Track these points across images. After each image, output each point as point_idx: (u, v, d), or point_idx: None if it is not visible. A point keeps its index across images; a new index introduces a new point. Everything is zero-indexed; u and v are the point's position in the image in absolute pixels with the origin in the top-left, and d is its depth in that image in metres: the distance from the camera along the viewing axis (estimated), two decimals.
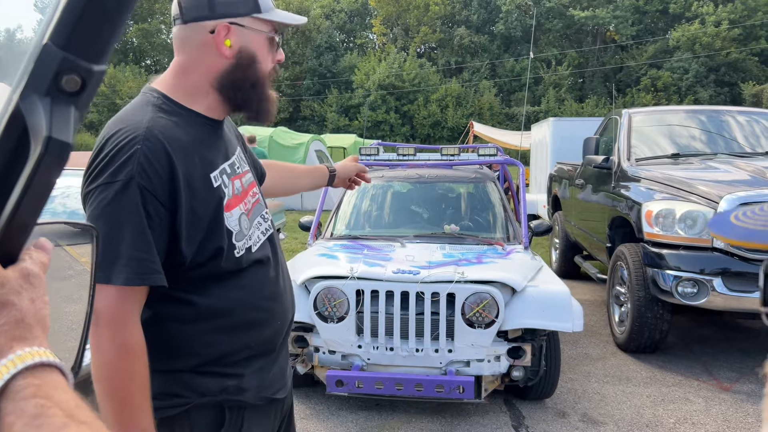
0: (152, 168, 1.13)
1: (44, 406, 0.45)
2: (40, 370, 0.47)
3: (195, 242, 1.20)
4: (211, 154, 1.27)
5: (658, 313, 4.36)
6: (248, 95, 1.28)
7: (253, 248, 1.32)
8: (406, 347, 3.31)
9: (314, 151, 14.66)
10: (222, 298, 1.26)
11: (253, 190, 1.40)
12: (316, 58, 41.86)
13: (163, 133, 1.17)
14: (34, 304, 0.50)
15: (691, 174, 4.68)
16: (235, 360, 1.29)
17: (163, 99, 1.25)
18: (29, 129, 0.52)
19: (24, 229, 0.53)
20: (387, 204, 4.76)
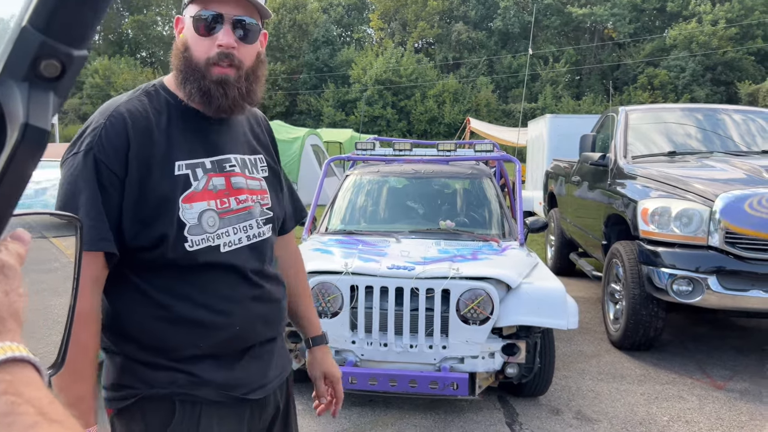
0: (110, 142, 1.22)
1: (14, 403, 0.42)
2: (12, 366, 0.45)
3: (137, 220, 1.23)
4: (187, 143, 1.30)
5: (653, 310, 4.36)
6: (185, 82, 1.28)
7: (223, 248, 1.30)
8: (400, 343, 3.29)
9: (310, 145, 14.65)
10: (172, 291, 1.27)
11: (252, 196, 1.38)
12: (312, 52, 41.73)
13: (130, 111, 1.25)
14: (7, 297, 0.48)
15: (687, 172, 4.68)
16: (183, 356, 1.28)
17: (159, 87, 1.34)
18: (5, 116, 0.49)
19: (0, 218, 0.50)
20: (382, 199, 4.74)
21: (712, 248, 4.07)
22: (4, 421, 0.42)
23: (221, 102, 1.27)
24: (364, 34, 47.20)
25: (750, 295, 3.95)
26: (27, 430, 0.41)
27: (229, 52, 1.26)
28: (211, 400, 1.30)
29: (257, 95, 1.34)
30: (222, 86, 1.26)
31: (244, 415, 1.37)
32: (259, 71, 1.34)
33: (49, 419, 0.42)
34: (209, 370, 1.30)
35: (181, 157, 1.28)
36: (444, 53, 42.56)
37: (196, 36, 1.27)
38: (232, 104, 1.29)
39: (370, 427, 3.37)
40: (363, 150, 5.02)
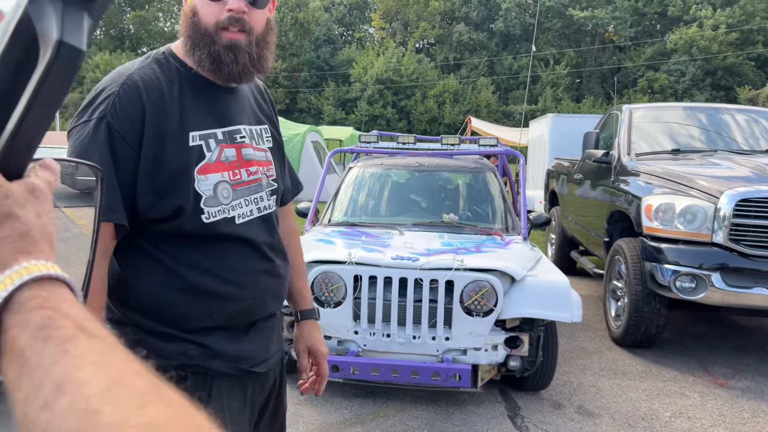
0: (124, 110, 1.18)
1: (52, 317, 0.41)
2: (47, 283, 0.43)
3: (152, 191, 1.21)
4: (199, 114, 1.27)
5: (655, 307, 4.35)
6: (194, 48, 1.26)
7: (237, 219, 1.30)
8: (403, 334, 3.28)
9: (311, 141, 14.62)
10: (187, 261, 1.26)
11: (260, 168, 1.38)
12: (314, 50, 41.67)
13: (143, 80, 1.22)
14: (40, 219, 0.47)
15: (691, 169, 4.67)
16: (196, 327, 1.27)
17: (168, 54, 1.30)
18: (39, 35, 0.48)
19: (30, 142, 0.49)
20: (386, 192, 4.72)
21: (716, 245, 4.06)
22: (41, 335, 0.40)
23: (231, 68, 1.24)
24: (365, 33, 47.18)
25: (753, 293, 3.94)
26: (65, 343, 0.39)
27: (239, 17, 1.23)
28: (222, 372, 1.29)
29: (268, 62, 1.30)
30: (232, 51, 1.23)
31: (247, 389, 1.37)
32: (269, 37, 1.31)
33: (89, 334, 0.41)
34: (221, 342, 1.30)
35: (195, 128, 1.26)
36: (445, 54, 42.54)
37: (205, 0, 1.24)
38: (243, 70, 1.26)
39: (371, 418, 3.35)
40: (366, 143, 5.00)
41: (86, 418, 0.34)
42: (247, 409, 1.37)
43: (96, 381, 0.37)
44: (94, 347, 0.40)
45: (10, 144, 0.47)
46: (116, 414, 0.34)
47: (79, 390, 0.36)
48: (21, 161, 0.49)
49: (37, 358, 0.39)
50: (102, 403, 0.35)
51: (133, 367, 0.39)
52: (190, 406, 0.38)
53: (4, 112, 0.48)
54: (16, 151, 0.48)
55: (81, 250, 0.77)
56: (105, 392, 0.36)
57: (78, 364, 0.38)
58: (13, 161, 0.48)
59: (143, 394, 0.37)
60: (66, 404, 0.36)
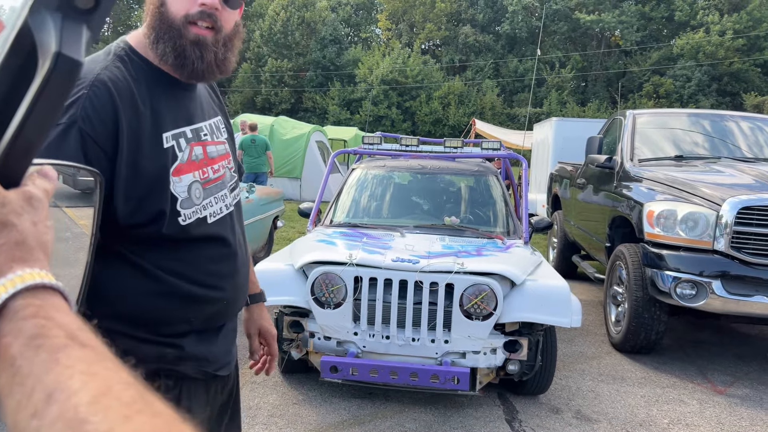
0: (96, 114, 1.11)
1: (44, 326, 0.42)
2: (41, 292, 0.44)
3: (133, 199, 1.16)
4: (168, 114, 1.22)
5: (655, 314, 4.35)
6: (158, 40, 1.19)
7: (209, 219, 1.28)
8: (403, 336, 3.28)
9: (315, 141, 14.63)
10: (162, 265, 1.22)
11: (222, 162, 1.35)
12: (320, 50, 41.72)
13: (113, 80, 1.14)
14: (35, 227, 0.48)
15: (694, 176, 4.66)
16: (173, 331, 1.26)
17: (127, 49, 1.23)
18: (38, 46, 0.49)
19: (28, 151, 0.50)
20: (388, 194, 4.73)
21: (718, 252, 4.05)
22: (33, 344, 0.41)
23: (196, 65, 1.18)
24: (371, 33, 47.18)
25: (754, 301, 3.93)
26: (57, 352, 0.40)
27: (211, 12, 1.17)
28: (190, 375, 1.29)
29: (231, 64, 1.25)
30: (199, 48, 1.18)
31: (209, 392, 1.38)
32: (236, 40, 1.26)
33: (80, 343, 0.41)
34: (193, 345, 1.29)
35: (166, 128, 1.21)
36: (450, 55, 42.54)
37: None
38: (207, 69, 1.20)
39: (369, 419, 3.36)
40: (370, 144, 5.01)
41: (74, 427, 0.35)
42: (207, 413, 1.37)
43: (85, 391, 0.37)
44: (85, 356, 0.40)
45: (7, 153, 0.48)
46: (104, 424, 0.35)
47: (69, 399, 0.37)
48: (18, 169, 0.50)
49: (28, 367, 0.39)
50: (90, 413, 0.36)
51: (121, 377, 0.40)
52: (177, 417, 0.39)
53: (2, 121, 0.49)
54: (13, 159, 0.49)
55: (81, 250, 0.78)
56: (93, 402, 0.37)
57: (68, 373, 0.39)
58: (10, 170, 0.49)
59: (131, 405, 0.37)
60: (55, 413, 0.37)
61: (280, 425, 3.22)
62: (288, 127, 14.83)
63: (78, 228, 0.83)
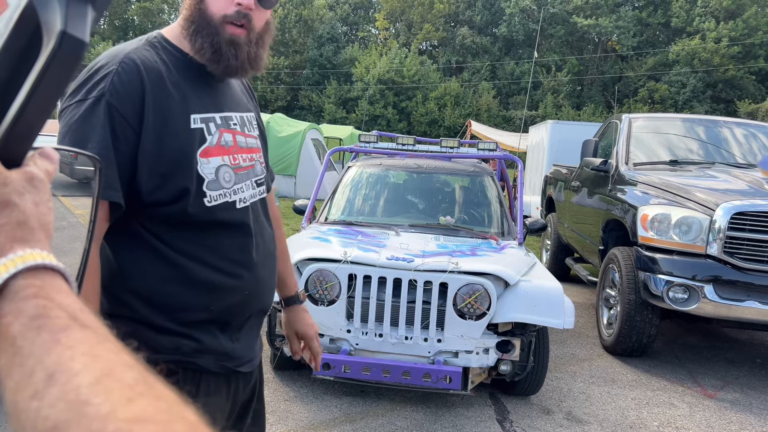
0: (124, 89, 1.15)
1: (45, 307, 0.41)
2: (42, 273, 0.44)
3: (156, 175, 1.18)
4: (197, 98, 1.26)
5: (647, 317, 4.36)
6: (196, 36, 1.24)
7: (238, 204, 1.30)
8: (396, 334, 3.28)
9: (310, 139, 14.61)
10: (187, 250, 1.24)
11: (252, 155, 1.39)
12: (317, 48, 41.63)
13: (141, 60, 1.20)
14: (37, 208, 0.47)
15: (688, 181, 4.69)
16: (192, 320, 1.26)
17: (161, 39, 1.29)
18: (42, 25, 0.48)
19: (30, 131, 0.49)
20: (383, 192, 4.73)
21: (710, 257, 4.07)
22: (33, 324, 0.40)
23: (230, 63, 1.24)
24: (369, 33, 47.13)
25: (745, 306, 3.95)
26: (58, 333, 0.40)
27: (246, 12, 1.23)
28: (210, 369, 1.29)
29: (263, 61, 1.31)
30: (233, 46, 1.23)
31: (231, 388, 1.37)
32: (267, 37, 1.31)
33: (82, 324, 0.41)
34: (213, 338, 1.29)
35: (196, 111, 1.24)
36: (448, 56, 42.55)
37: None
38: (240, 66, 1.25)
39: (360, 417, 3.36)
40: (366, 143, 5.01)
41: (75, 409, 0.35)
42: (228, 408, 1.37)
43: (87, 372, 0.37)
44: (87, 338, 0.40)
45: (9, 132, 0.48)
46: (105, 406, 0.35)
47: (70, 380, 0.36)
48: (20, 150, 0.49)
49: (29, 347, 0.39)
50: (92, 395, 0.36)
51: (123, 359, 0.40)
52: (179, 400, 0.39)
53: (5, 101, 0.49)
54: (15, 139, 0.48)
55: (77, 240, 0.78)
56: (95, 384, 0.36)
57: (70, 354, 0.38)
58: (12, 150, 0.48)
59: (133, 387, 0.37)
60: (56, 394, 0.36)
61: (270, 422, 3.21)
62: (284, 124, 14.80)
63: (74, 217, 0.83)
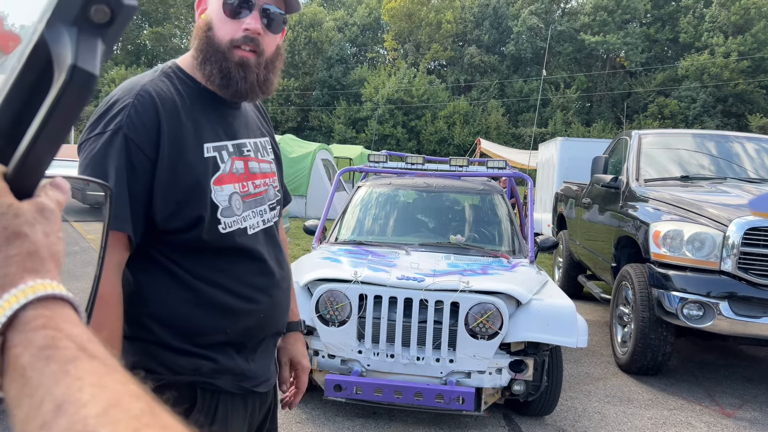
0: (140, 121, 1.18)
1: (54, 337, 0.42)
2: (52, 303, 0.44)
3: (171, 203, 1.21)
4: (210, 127, 1.29)
5: (662, 334, 4.31)
6: (205, 63, 1.27)
7: (249, 231, 1.32)
8: (407, 355, 3.26)
9: (320, 159, 14.69)
10: (204, 275, 1.26)
11: (265, 180, 1.41)
12: (326, 69, 42.06)
13: (157, 91, 1.23)
14: (48, 238, 0.48)
15: (700, 196, 4.65)
16: (209, 342, 1.28)
17: (175, 68, 1.32)
18: (53, 59, 0.49)
19: (41, 163, 0.50)
20: (393, 212, 4.74)
21: (725, 273, 4.03)
22: (42, 354, 0.41)
23: (239, 85, 1.26)
24: (377, 53, 47.57)
25: (762, 322, 3.90)
26: (67, 364, 0.40)
27: (254, 37, 1.26)
28: (228, 390, 1.30)
29: (273, 85, 1.33)
30: (243, 69, 1.26)
31: (248, 408, 1.37)
32: (277, 62, 1.34)
33: (90, 354, 0.41)
34: (230, 359, 1.31)
35: (209, 140, 1.27)
36: (456, 75, 42.80)
37: (223, 17, 1.26)
38: (250, 89, 1.28)
39: None
40: (375, 162, 5.03)
41: None
42: (245, 430, 1.37)
43: (94, 403, 0.37)
44: (95, 369, 0.40)
45: (21, 164, 0.49)
46: None
47: (78, 411, 0.37)
48: (32, 181, 0.50)
49: (38, 378, 0.39)
50: (99, 425, 0.36)
51: (131, 390, 0.40)
52: (185, 430, 0.39)
53: (17, 133, 0.50)
54: (27, 170, 0.49)
55: (89, 264, 0.78)
56: (102, 414, 0.37)
57: (78, 385, 0.39)
58: (24, 181, 0.49)
59: (139, 417, 0.37)
60: (64, 425, 0.36)
61: None
62: (294, 145, 14.91)
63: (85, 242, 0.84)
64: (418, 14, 41.89)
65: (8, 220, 0.46)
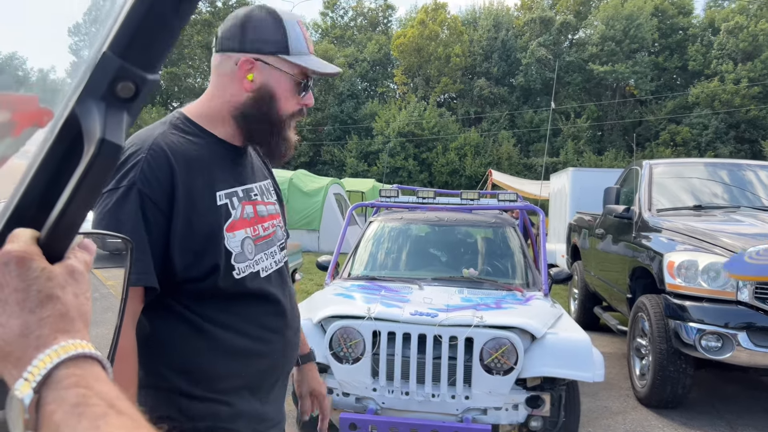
0: (153, 175, 1.19)
1: (85, 395, 0.45)
2: (82, 362, 0.48)
3: (189, 254, 1.22)
4: (221, 174, 1.31)
5: (681, 366, 4.25)
6: (262, 130, 1.32)
7: (261, 273, 1.34)
8: (422, 392, 3.24)
9: (333, 194, 14.81)
10: (219, 321, 1.28)
11: (273, 221, 1.44)
12: (338, 104, 42.70)
13: (168, 145, 1.24)
14: (77, 299, 0.51)
15: (713, 226, 4.63)
16: (227, 387, 1.29)
17: (183, 119, 1.33)
18: (84, 132, 0.53)
19: (72, 228, 0.54)
20: (405, 246, 4.75)
21: (742, 303, 3.98)
22: (75, 411, 0.44)
23: (287, 152, 1.36)
24: (387, 88, 48.21)
25: None
26: (97, 420, 0.43)
27: (305, 110, 1.36)
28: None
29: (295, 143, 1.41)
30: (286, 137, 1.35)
31: None
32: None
33: (118, 411, 0.44)
34: (247, 402, 1.32)
35: (219, 187, 1.29)
36: (466, 107, 43.20)
37: (290, 92, 1.32)
38: (288, 151, 1.37)
39: None
40: (387, 197, 5.07)
41: None
42: None
43: None
44: (123, 424, 0.43)
45: (54, 229, 0.53)
46: None
47: None
48: (63, 245, 0.54)
49: None
50: None
51: None
52: None
53: (49, 199, 0.54)
54: (59, 235, 0.53)
55: (108, 310, 0.81)
56: None
57: None
58: (55, 245, 0.53)
59: None
60: None
61: None
62: (306, 180, 15.06)
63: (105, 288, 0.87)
64: (427, 49, 42.55)
65: (42, 284, 0.50)
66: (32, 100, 1.27)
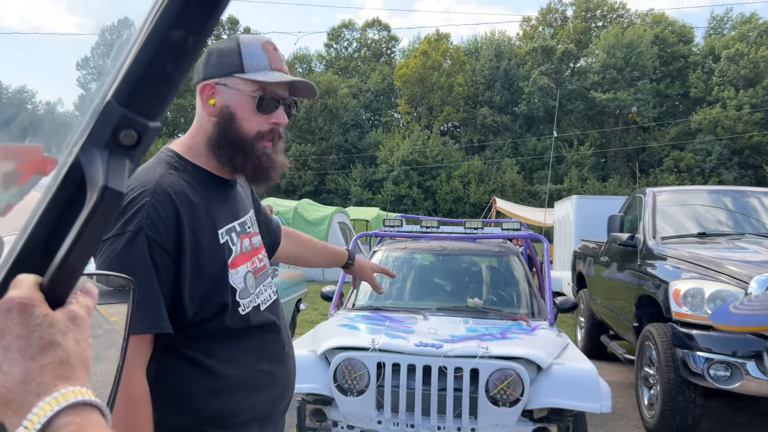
0: (160, 219, 1.18)
1: None
2: (82, 409, 0.48)
3: (198, 296, 1.21)
4: (219, 212, 1.30)
5: (690, 396, 4.19)
6: (231, 154, 1.28)
7: (261, 306, 1.35)
8: (428, 424, 3.20)
9: (337, 223, 14.83)
10: (228, 359, 1.27)
11: (262, 251, 1.44)
12: (342, 134, 43.05)
13: (171, 187, 1.22)
14: (78, 345, 0.52)
15: (719, 253, 4.61)
16: (236, 421, 1.29)
17: (176, 157, 1.32)
18: (87, 179, 0.55)
19: (74, 273, 0.55)
20: (410, 276, 4.74)
21: (749, 332, 3.94)
22: None
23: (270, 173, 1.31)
24: (391, 117, 48.62)
25: None
26: None
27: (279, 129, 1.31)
28: None
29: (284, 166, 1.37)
30: (268, 158, 1.30)
31: None
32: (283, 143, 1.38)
33: None
34: None
35: (219, 225, 1.29)
36: (469, 136, 43.46)
37: (251, 112, 1.28)
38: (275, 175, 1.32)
39: None
40: (391, 227, 5.08)
41: None
42: None
43: None
44: None
45: (56, 274, 0.53)
46: None
47: None
48: (65, 291, 0.55)
49: None
50: None
51: None
52: None
53: (52, 245, 0.55)
54: (61, 281, 0.54)
55: (112, 346, 0.81)
56: None
57: None
58: (57, 291, 0.54)
59: None
60: None
61: None
62: (311, 209, 15.11)
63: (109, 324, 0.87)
64: (430, 79, 43.00)
65: (43, 330, 0.50)
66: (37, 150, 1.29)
